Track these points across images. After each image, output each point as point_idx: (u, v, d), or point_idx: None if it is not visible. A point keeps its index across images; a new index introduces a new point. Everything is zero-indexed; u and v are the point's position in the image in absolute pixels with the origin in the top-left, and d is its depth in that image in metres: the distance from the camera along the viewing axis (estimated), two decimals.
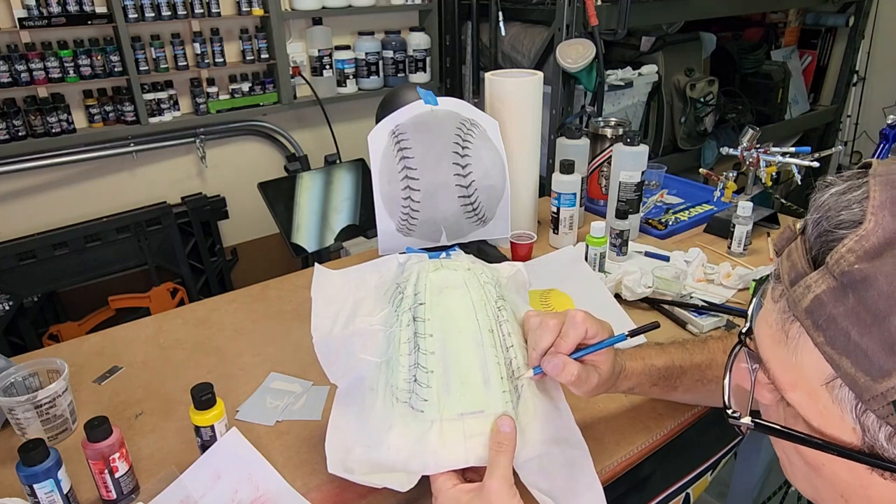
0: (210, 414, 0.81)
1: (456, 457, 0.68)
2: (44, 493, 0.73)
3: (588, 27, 2.23)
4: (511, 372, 0.72)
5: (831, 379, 0.37)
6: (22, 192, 2.36)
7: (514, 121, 1.34)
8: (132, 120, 2.38)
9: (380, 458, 0.71)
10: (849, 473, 0.39)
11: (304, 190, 2.21)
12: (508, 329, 0.74)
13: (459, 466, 0.68)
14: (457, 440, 0.69)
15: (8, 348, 2.22)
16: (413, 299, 0.75)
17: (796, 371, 0.39)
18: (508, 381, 0.71)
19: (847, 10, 3.42)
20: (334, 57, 2.76)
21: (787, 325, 0.40)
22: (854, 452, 0.37)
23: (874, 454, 0.37)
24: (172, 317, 1.21)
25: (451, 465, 0.68)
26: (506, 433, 0.66)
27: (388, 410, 0.72)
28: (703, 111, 2.79)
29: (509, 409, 0.70)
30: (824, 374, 0.37)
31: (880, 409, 0.35)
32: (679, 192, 1.72)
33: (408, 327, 0.73)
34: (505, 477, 0.63)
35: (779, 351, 0.41)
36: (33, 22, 2.11)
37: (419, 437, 0.69)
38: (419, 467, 0.69)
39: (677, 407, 0.91)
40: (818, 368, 0.38)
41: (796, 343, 0.39)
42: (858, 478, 0.39)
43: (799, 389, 0.40)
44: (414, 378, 0.71)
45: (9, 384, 0.90)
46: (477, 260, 0.81)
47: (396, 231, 1.17)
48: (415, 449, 0.69)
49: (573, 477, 0.73)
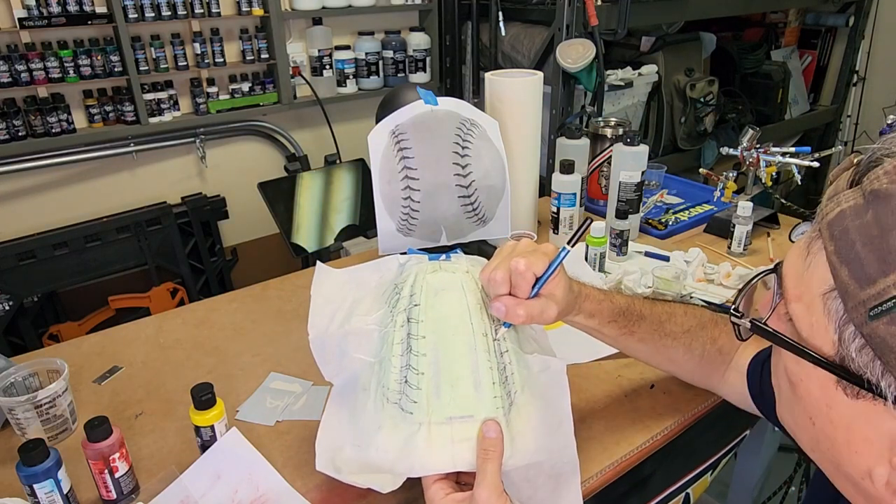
0: (210, 414, 0.81)
1: (442, 461, 0.67)
2: (44, 493, 0.73)
3: (588, 27, 2.23)
4: (505, 378, 0.71)
5: (830, 290, 0.39)
6: (22, 192, 2.36)
7: (514, 121, 1.34)
8: (132, 120, 2.38)
9: (368, 459, 0.71)
10: (819, 390, 0.41)
11: (304, 190, 2.21)
12: (504, 334, 0.73)
13: (445, 470, 0.67)
14: (444, 444, 0.68)
15: (8, 348, 2.22)
16: (409, 300, 0.74)
17: (805, 283, 0.42)
18: (501, 387, 0.70)
19: (847, 10, 3.42)
20: (334, 57, 2.76)
21: (813, 242, 0.42)
22: (826, 361, 0.40)
23: (843, 366, 0.39)
24: (172, 317, 1.21)
25: (436, 468, 0.67)
26: (491, 439, 0.65)
27: (379, 411, 0.72)
28: (703, 111, 2.79)
29: (500, 415, 0.69)
30: (825, 285, 0.40)
31: (858, 318, 0.37)
32: (679, 192, 1.72)
33: (402, 328, 0.72)
34: (493, 485, 0.62)
35: (797, 264, 0.43)
36: (33, 22, 2.10)
37: (407, 439, 0.69)
38: (405, 469, 0.68)
39: (677, 407, 0.91)
40: (823, 280, 0.40)
41: (814, 257, 0.42)
42: (825, 395, 0.41)
43: (802, 301, 0.42)
44: (405, 379, 0.71)
45: (9, 384, 0.90)
46: (478, 262, 0.80)
47: (396, 231, 1.17)
48: (402, 451, 0.69)
49: (556, 492, 0.72)
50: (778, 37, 3.50)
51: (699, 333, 0.83)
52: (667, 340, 0.83)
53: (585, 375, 0.99)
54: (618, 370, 1.00)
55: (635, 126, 2.73)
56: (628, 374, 0.99)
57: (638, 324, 0.82)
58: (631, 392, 0.95)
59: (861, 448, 0.40)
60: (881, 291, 0.35)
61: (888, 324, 0.35)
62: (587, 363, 1.01)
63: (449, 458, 0.67)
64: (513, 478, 0.69)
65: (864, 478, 0.40)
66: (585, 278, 0.82)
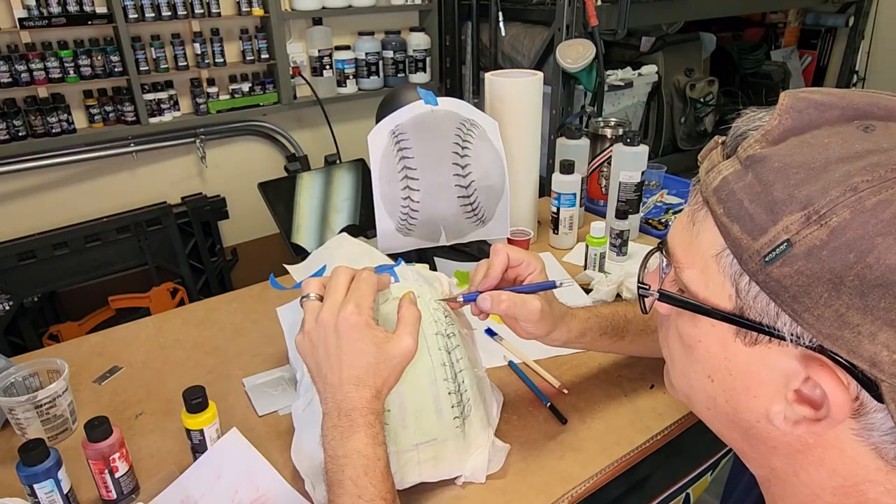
0: (202, 417, 0.81)
1: (411, 479, 0.75)
2: (44, 493, 0.73)
3: (588, 27, 2.23)
4: (460, 398, 0.76)
5: (721, 249, 0.43)
6: (22, 192, 2.36)
7: (514, 121, 1.34)
8: (132, 120, 2.38)
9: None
10: (718, 344, 0.45)
11: (304, 190, 2.21)
12: (458, 354, 0.77)
13: (412, 484, 0.75)
14: (412, 466, 0.74)
15: (8, 348, 2.22)
16: None
17: (694, 249, 0.45)
18: (458, 408, 0.75)
19: (847, 10, 3.42)
20: (334, 57, 2.76)
21: (696, 213, 0.46)
22: (727, 314, 0.43)
23: (742, 316, 0.42)
24: (172, 317, 1.21)
25: (405, 485, 0.75)
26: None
27: None
28: (703, 111, 2.79)
29: (459, 434, 0.75)
30: (716, 247, 0.43)
31: (753, 266, 0.40)
32: (679, 192, 1.72)
33: None
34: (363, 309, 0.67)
35: (683, 235, 0.47)
36: (33, 22, 2.10)
37: None
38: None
39: (677, 407, 0.91)
40: (713, 243, 0.43)
41: (700, 225, 0.45)
42: (724, 349, 0.44)
43: (694, 266, 0.45)
44: None
45: (9, 384, 0.90)
46: (421, 275, 0.81)
47: (396, 231, 1.17)
48: None
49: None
50: (778, 37, 3.50)
51: None
52: (654, 336, 0.86)
53: (585, 375, 0.99)
54: (618, 370, 1.00)
55: (635, 126, 2.73)
56: (628, 374, 0.99)
57: (626, 328, 0.87)
58: (631, 392, 0.95)
59: (759, 391, 0.43)
60: (772, 239, 0.39)
61: (781, 266, 0.38)
62: (587, 363, 1.01)
63: (416, 476, 0.75)
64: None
65: (759, 420, 0.44)
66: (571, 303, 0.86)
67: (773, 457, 0.46)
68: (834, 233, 0.36)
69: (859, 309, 0.36)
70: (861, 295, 0.36)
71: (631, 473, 0.87)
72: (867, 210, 0.36)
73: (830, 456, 0.42)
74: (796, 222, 0.38)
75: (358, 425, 0.64)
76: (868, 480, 0.42)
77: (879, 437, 0.40)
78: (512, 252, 0.77)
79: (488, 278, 0.76)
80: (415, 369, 0.72)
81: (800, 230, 0.38)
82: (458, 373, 0.76)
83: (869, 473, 0.41)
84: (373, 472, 0.63)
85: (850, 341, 0.37)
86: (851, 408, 0.39)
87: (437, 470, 0.76)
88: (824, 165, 0.38)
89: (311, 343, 0.67)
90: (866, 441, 0.40)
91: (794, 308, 0.39)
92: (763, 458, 0.47)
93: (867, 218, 0.36)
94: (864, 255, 0.36)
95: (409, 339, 0.67)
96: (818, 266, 0.37)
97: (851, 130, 0.40)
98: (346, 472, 0.63)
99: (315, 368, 0.68)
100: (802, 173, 0.39)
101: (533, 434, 0.87)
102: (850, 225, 0.36)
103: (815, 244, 0.37)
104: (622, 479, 0.85)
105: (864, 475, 0.41)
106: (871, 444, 0.40)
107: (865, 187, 0.36)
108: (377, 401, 0.66)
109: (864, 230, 0.36)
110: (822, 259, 0.37)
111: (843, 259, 0.36)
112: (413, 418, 0.73)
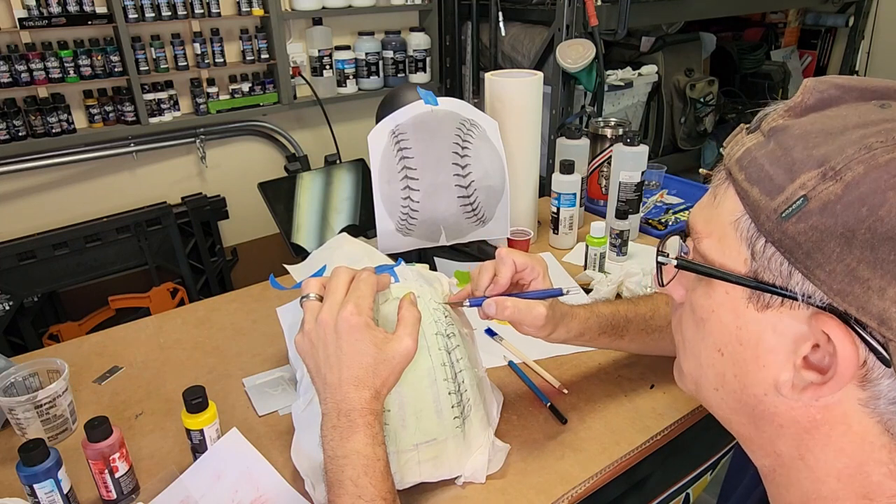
0: (201, 417, 0.81)
1: (412, 479, 0.75)
2: (44, 493, 0.73)
3: (588, 27, 2.23)
4: (460, 398, 0.76)
5: (740, 215, 0.44)
6: (22, 192, 2.36)
7: (514, 121, 1.34)
8: (132, 120, 2.38)
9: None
10: (731, 313, 0.45)
11: (304, 190, 2.21)
12: (458, 354, 0.77)
13: (412, 484, 0.75)
14: (412, 466, 0.74)
15: (8, 348, 2.22)
16: None
17: (714, 219, 0.46)
18: (458, 408, 0.75)
19: (847, 10, 3.42)
20: (334, 57, 2.76)
21: (718, 188, 0.47)
22: (742, 277, 0.44)
23: (756, 278, 0.43)
24: (172, 317, 1.21)
25: (405, 485, 0.74)
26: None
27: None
28: (703, 111, 2.79)
29: (458, 434, 0.75)
30: (735, 213, 0.44)
31: (769, 225, 0.41)
32: (679, 192, 1.72)
33: None
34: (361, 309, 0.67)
35: (706, 210, 0.48)
36: (33, 22, 2.10)
37: None
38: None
39: (677, 407, 0.91)
40: (732, 210, 0.44)
41: (722, 195, 0.46)
42: (736, 317, 0.45)
43: (713, 236, 0.46)
44: None
45: (9, 384, 0.90)
46: (421, 275, 0.81)
47: (396, 231, 1.17)
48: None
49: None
50: (778, 37, 3.50)
51: None
52: (654, 335, 0.89)
53: (585, 375, 0.99)
54: (618, 370, 1.00)
55: (635, 126, 2.73)
56: (628, 374, 0.99)
57: (626, 328, 0.87)
58: (631, 392, 0.95)
59: (768, 359, 0.44)
60: (790, 196, 0.40)
61: (797, 222, 0.40)
62: (587, 363, 1.01)
63: (416, 476, 0.75)
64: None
65: (767, 393, 0.45)
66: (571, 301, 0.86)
67: (779, 439, 0.46)
68: (848, 187, 0.38)
69: (870, 263, 0.37)
70: (872, 248, 0.37)
71: (631, 473, 0.87)
72: (880, 166, 0.37)
73: (837, 433, 0.43)
74: (813, 178, 0.39)
75: (357, 426, 0.64)
76: (873, 460, 0.42)
77: (886, 405, 0.40)
78: (517, 258, 0.77)
79: (496, 286, 0.77)
80: (415, 369, 0.72)
81: (816, 185, 0.39)
82: (459, 373, 0.76)
83: (874, 451, 0.42)
84: (372, 473, 0.63)
85: (859, 297, 0.38)
86: (858, 366, 0.39)
87: (437, 470, 0.76)
88: (842, 130, 0.40)
89: (310, 343, 0.68)
90: (873, 411, 0.41)
91: (807, 265, 0.40)
92: (769, 442, 0.47)
93: (880, 173, 0.37)
94: (876, 208, 0.37)
95: (409, 339, 0.67)
96: (832, 220, 0.38)
97: (869, 107, 0.42)
98: (346, 472, 0.63)
99: (314, 369, 0.68)
100: (821, 137, 0.41)
101: (533, 434, 0.87)
102: (864, 180, 0.37)
103: (831, 199, 0.38)
104: (622, 479, 0.85)
105: (870, 453, 0.42)
106: (877, 414, 0.41)
107: (879, 146, 0.38)
108: (376, 401, 0.66)
109: (876, 185, 0.37)
110: (836, 213, 0.38)
111: (855, 213, 0.37)
112: (413, 418, 0.73)
